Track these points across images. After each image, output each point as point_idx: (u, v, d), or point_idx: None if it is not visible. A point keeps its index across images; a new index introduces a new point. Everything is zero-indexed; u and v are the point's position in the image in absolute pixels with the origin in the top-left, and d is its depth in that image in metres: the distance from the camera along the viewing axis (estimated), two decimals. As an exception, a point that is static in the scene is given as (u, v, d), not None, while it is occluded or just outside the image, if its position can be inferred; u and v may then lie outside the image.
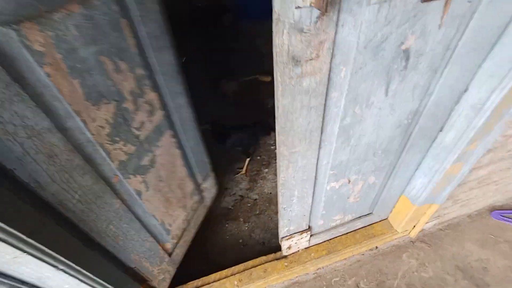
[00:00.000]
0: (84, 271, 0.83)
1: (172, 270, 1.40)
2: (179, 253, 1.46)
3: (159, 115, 1.07)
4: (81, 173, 0.79)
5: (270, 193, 2.11)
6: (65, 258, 0.75)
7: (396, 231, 1.57)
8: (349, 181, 1.13)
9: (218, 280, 1.45)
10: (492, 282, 1.55)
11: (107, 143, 0.86)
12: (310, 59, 0.62)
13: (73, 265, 0.78)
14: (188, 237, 1.53)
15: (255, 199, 2.09)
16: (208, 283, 1.44)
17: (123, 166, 0.94)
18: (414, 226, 1.56)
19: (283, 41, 0.56)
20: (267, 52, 0.87)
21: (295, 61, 0.61)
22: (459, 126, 0.98)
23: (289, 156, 0.88)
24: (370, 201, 1.35)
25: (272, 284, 1.50)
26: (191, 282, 1.46)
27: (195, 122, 1.35)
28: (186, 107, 1.26)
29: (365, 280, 1.63)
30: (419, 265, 1.66)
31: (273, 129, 2.30)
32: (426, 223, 1.57)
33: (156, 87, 1.02)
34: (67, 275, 0.78)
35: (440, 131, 1.06)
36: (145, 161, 1.05)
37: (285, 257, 1.51)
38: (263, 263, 1.50)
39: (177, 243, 1.42)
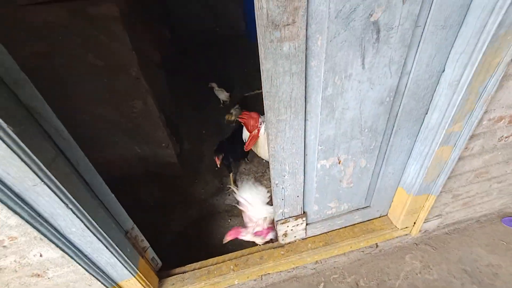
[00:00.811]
0: (89, 217, 0.93)
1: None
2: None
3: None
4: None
5: (273, 192, 2.15)
6: (74, 197, 0.86)
7: (396, 227, 1.55)
8: (339, 161, 1.19)
9: (216, 264, 1.49)
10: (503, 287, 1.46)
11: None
12: (287, 24, 0.74)
13: (80, 207, 0.89)
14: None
15: (259, 198, 2.13)
16: (206, 266, 1.48)
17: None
18: (415, 223, 1.54)
19: (262, 4, 0.69)
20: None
21: (274, 25, 0.74)
22: (441, 105, 1.04)
23: (276, 124, 0.97)
24: (365, 189, 1.38)
25: (269, 273, 1.50)
26: (189, 265, 1.51)
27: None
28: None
29: (365, 278, 1.59)
30: (422, 267, 1.60)
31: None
32: (427, 221, 1.54)
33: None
34: (74, 216, 0.89)
35: (426, 113, 1.12)
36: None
37: (282, 246, 1.53)
38: (259, 251, 1.52)
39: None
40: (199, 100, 3.32)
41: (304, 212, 1.39)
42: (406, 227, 1.56)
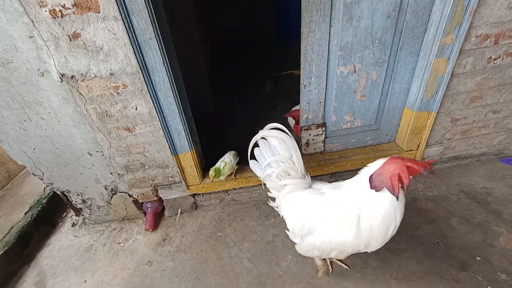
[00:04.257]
0: (173, 81, 1.33)
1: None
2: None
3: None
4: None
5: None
6: (168, 59, 1.27)
7: (402, 149, 1.83)
8: (355, 70, 1.53)
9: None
10: (494, 201, 1.69)
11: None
12: None
13: (170, 70, 1.30)
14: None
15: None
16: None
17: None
18: (418, 146, 1.81)
19: None
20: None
21: None
22: (435, 20, 1.36)
23: (309, 24, 1.34)
24: (376, 106, 1.69)
25: (290, 177, 1.82)
26: (227, 166, 1.87)
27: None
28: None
29: (372, 193, 1.86)
30: (424, 187, 1.86)
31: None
32: (430, 146, 1.81)
33: None
34: (165, 74, 1.29)
35: (425, 32, 1.45)
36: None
37: (304, 155, 1.85)
38: (285, 159, 1.85)
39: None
40: (230, 76, 3.80)
41: (324, 123, 1.72)
42: (411, 150, 1.83)
